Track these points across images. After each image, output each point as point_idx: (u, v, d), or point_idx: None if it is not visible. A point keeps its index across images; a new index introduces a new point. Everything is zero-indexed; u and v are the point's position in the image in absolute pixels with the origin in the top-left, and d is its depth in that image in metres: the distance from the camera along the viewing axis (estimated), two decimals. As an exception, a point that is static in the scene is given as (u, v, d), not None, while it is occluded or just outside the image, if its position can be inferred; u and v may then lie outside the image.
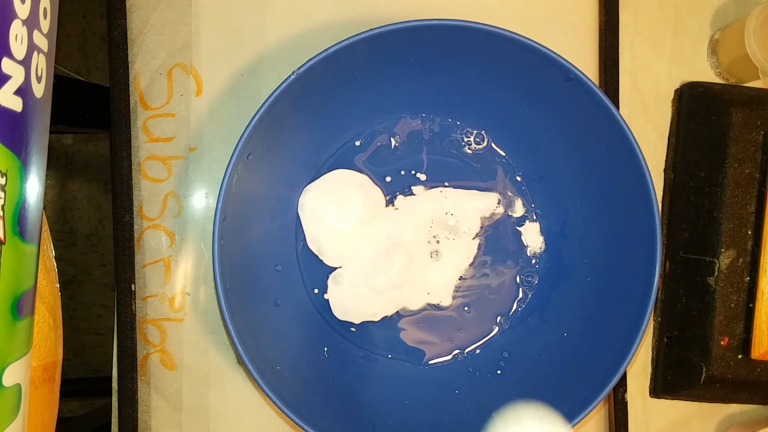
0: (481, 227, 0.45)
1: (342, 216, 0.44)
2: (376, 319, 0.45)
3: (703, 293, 0.45)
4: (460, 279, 0.45)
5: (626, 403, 0.46)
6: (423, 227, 0.45)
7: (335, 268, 0.45)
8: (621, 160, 0.39)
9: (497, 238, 0.46)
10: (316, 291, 0.45)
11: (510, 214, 0.46)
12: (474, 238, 0.45)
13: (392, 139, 0.45)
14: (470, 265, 0.45)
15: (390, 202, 0.45)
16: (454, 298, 0.45)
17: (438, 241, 0.45)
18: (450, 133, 0.45)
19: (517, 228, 0.46)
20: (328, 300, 0.44)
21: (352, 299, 0.44)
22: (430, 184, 0.45)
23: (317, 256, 0.44)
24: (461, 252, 0.45)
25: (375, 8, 0.46)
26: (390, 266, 0.44)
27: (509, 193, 0.46)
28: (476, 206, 0.45)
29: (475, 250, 0.45)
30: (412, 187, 0.45)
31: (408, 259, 0.45)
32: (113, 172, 0.43)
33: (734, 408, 0.49)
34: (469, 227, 0.45)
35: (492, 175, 0.46)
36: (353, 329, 0.45)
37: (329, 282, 0.44)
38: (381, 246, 0.45)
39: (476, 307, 0.45)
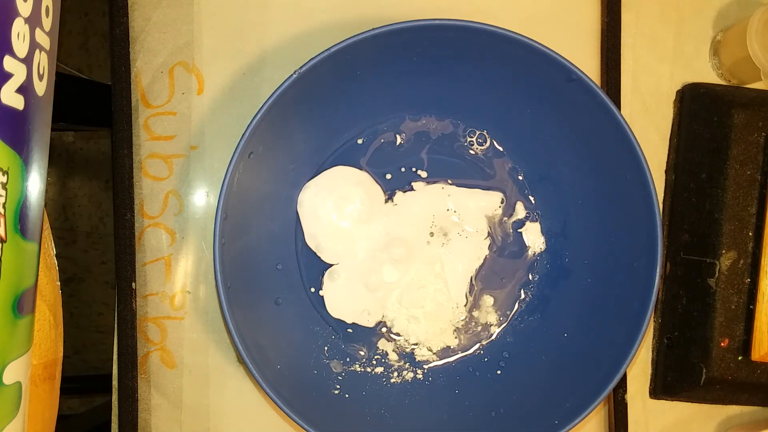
0: (490, 227, 0.45)
1: (340, 213, 0.44)
2: (370, 325, 0.45)
3: (704, 294, 0.44)
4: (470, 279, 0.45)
5: (626, 404, 0.46)
6: (423, 222, 0.45)
7: (333, 265, 0.45)
8: (622, 161, 0.39)
9: (498, 237, 0.46)
10: (312, 290, 0.45)
11: (511, 214, 0.46)
12: (486, 238, 0.45)
13: (398, 136, 0.45)
14: (481, 266, 0.45)
15: (389, 198, 0.45)
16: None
17: (445, 234, 0.45)
18: (452, 133, 0.45)
19: (518, 228, 0.46)
20: (323, 297, 0.44)
21: (347, 297, 0.44)
22: (430, 180, 0.45)
23: (316, 254, 0.44)
24: (471, 252, 0.45)
25: (377, 8, 0.46)
26: (388, 259, 0.44)
27: (511, 193, 0.46)
28: (480, 205, 0.45)
29: (486, 251, 0.45)
30: (412, 183, 0.45)
31: (407, 252, 0.44)
32: (114, 170, 0.43)
33: (734, 409, 0.49)
34: (476, 227, 0.45)
35: (494, 175, 0.46)
36: (350, 330, 0.45)
37: (325, 278, 0.44)
38: (379, 243, 0.45)
39: (477, 307, 0.45)
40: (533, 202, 0.46)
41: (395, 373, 0.44)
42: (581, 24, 0.47)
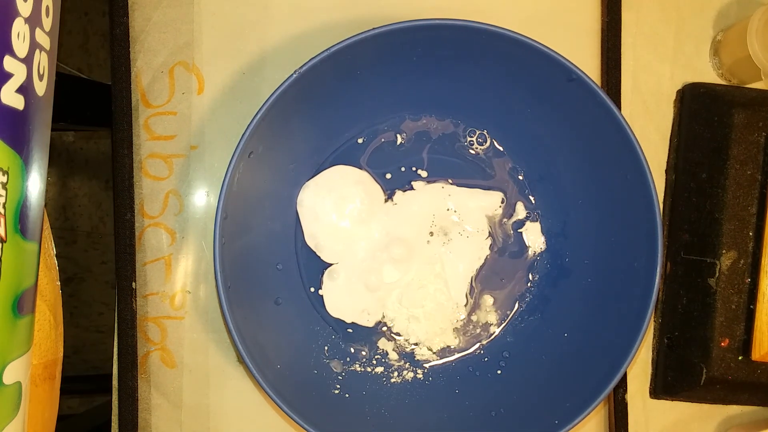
0: (490, 227, 0.45)
1: (340, 212, 0.44)
2: (370, 324, 0.45)
3: (704, 294, 0.44)
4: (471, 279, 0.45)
5: (626, 404, 0.46)
6: (424, 221, 0.45)
7: (332, 265, 0.45)
8: (622, 161, 0.39)
9: (499, 237, 0.46)
10: (312, 289, 0.45)
11: (512, 214, 0.46)
12: (486, 238, 0.45)
13: (398, 136, 0.45)
14: (481, 266, 0.45)
15: (389, 198, 0.45)
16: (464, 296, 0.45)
17: (446, 234, 0.45)
18: (452, 133, 0.45)
19: (519, 228, 0.46)
20: (322, 296, 0.44)
21: (347, 296, 0.44)
22: (430, 179, 0.45)
23: (316, 254, 0.44)
24: (472, 252, 0.45)
25: (377, 7, 0.46)
26: (388, 259, 0.44)
27: (511, 193, 0.46)
28: (480, 204, 0.45)
29: (487, 251, 0.45)
30: (412, 183, 0.45)
31: (407, 252, 0.44)
32: (114, 170, 0.43)
33: (734, 409, 0.49)
34: (477, 226, 0.45)
35: (494, 175, 0.46)
36: (350, 329, 0.45)
37: (324, 277, 0.44)
38: (379, 242, 0.45)
39: (477, 307, 0.45)
40: (533, 201, 0.46)
41: (395, 373, 0.44)
42: (581, 24, 0.47)
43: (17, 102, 0.28)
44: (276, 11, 0.45)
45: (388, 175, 0.45)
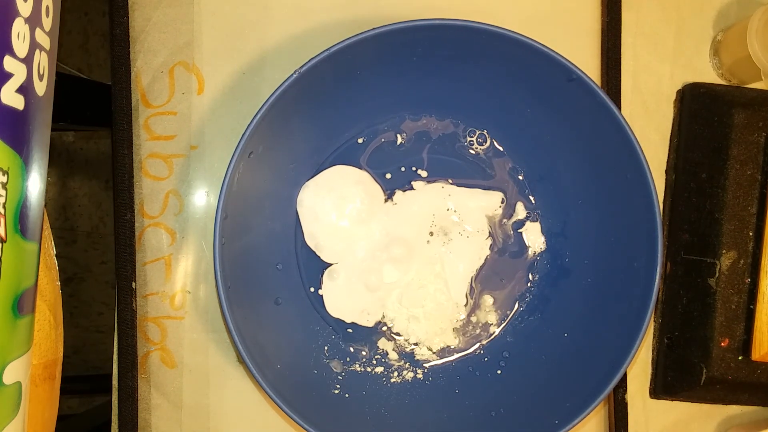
0: (491, 227, 0.45)
1: (340, 212, 0.44)
2: (369, 324, 0.45)
3: (704, 294, 0.44)
4: (471, 279, 0.45)
5: (626, 404, 0.46)
6: (423, 221, 0.45)
7: (332, 265, 0.45)
8: (622, 161, 0.39)
9: (499, 238, 0.46)
10: (312, 289, 0.45)
11: (512, 214, 0.46)
12: (487, 238, 0.45)
13: (398, 136, 0.45)
14: (481, 266, 0.45)
15: (389, 198, 0.45)
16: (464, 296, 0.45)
17: (446, 234, 0.45)
18: (452, 133, 0.45)
19: (519, 228, 0.46)
20: (322, 296, 0.44)
21: (347, 296, 0.44)
22: (430, 179, 0.45)
23: (316, 254, 0.44)
24: (472, 252, 0.45)
25: (377, 7, 0.46)
26: (388, 259, 0.44)
27: (511, 193, 0.46)
28: (480, 204, 0.45)
29: (487, 251, 0.45)
30: (412, 183, 0.45)
31: (407, 252, 0.44)
32: (114, 170, 0.43)
33: (734, 409, 0.49)
34: (477, 226, 0.45)
35: (494, 175, 0.46)
36: (349, 329, 0.45)
37: (324, 277, 0.44)
38: (379, 242, 0.45)
39: (477, 307, 0.45)
40: (533, 201, 0.46)
41: (395, 373, 0.44)
42: (581, 24, 0.47)
43: (17, 102, 0.28)
44: (276, 11, 0.45)
45: (388, 175, 0.45)
